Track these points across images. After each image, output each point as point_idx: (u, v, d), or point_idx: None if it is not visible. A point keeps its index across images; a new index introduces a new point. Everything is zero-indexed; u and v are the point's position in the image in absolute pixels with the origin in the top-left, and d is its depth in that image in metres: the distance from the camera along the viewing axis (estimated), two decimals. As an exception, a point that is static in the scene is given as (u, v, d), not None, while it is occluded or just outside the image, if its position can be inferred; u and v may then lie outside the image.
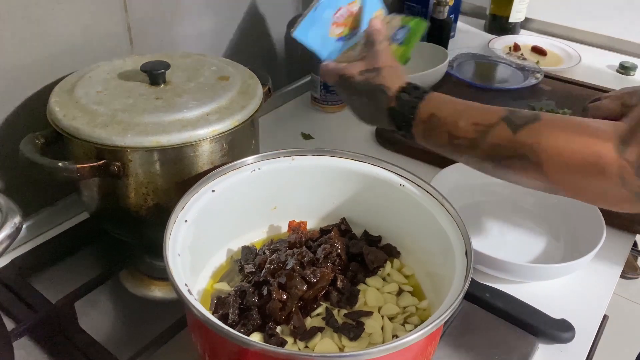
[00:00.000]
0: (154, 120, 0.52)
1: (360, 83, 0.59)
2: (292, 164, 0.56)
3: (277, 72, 0.97)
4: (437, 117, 0.53)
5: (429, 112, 0.54)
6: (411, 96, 0.55)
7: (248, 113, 0.57)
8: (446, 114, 0.53)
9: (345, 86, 0.61)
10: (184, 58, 0.64)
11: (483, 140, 0.50)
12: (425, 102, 0.54)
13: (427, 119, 0.54)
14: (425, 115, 0.54)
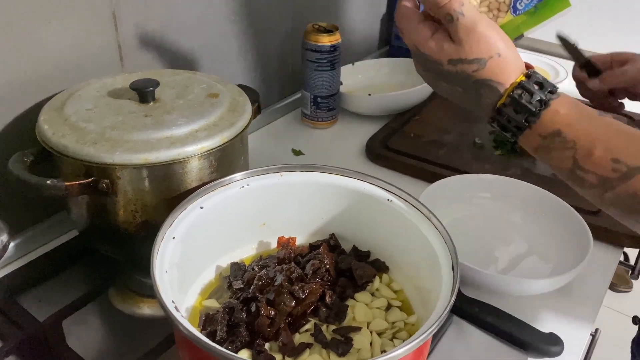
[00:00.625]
0: (143, 137, 0.53)
1: (452, 74, 0.46)
2: (280, 180, 0.57)
3: (268, 88, 0.97)
4: (564, 136, 0.43)
5: (554, 127, 0.43)
6: (532, 98, 0.44)
7: (237, 130, 0.57)
8: (578, 135, 0.42)
9: (427, 67, 0.48)
10: (174, 76, 0.65)
11: (620, 184, 0.41)
12: (550, 111, 0.43)
13: (550, 134, 0.43)
14: (547, 130, 0.43)
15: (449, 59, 0.46)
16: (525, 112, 0.44)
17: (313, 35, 0.89)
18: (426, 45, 0.46)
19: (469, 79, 0.46)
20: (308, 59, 0.91)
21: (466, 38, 0.45)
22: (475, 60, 0.45)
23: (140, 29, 0.70)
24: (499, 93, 0.45)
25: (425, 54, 0.47)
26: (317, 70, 0.91)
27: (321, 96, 0.94)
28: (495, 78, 0.45)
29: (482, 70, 0.45)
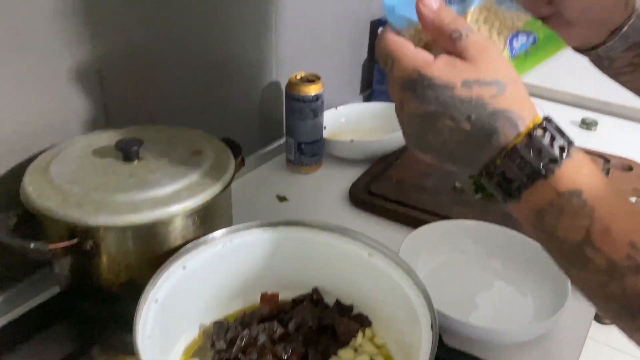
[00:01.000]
0: (127, 199, 0.54)
1: (465, 103, 0.38)
2: (263, 236, 0.58)
3: (252, 134, 0.99)
4: (585, 199, 0.36)
5: (576, 185, 0.36)
6: (554, 142, 0.37)
7: (220, 187, 0.58)
8: (599, 204, 0.36)
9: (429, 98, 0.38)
10: (158, 132, 0.66)
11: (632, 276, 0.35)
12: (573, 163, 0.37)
13: (567, 192, 0.36)
14: (566, 185, 0.37)
15: (464, 79, 0.38)
16: (546, 157, 0.37)
17: (296, 85, 0.91)
18: (433, 66, 0.38)
19: (484, 108, 0.37)
20: (291, 107, 0.93)
21: (480, 56, 0.38)
22: (494, 82, 0.37)
23: (125, 85, 0.72)
24: (518, 131, 0.37)
25: (429, 77, 0.38)
26: (300, 118, 0.93)
27: (305, 142, 0.96)
28: (515, 109, 0.37)
29: (501, 97, 0.37)
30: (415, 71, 0.38)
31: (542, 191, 0.37)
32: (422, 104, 0.39)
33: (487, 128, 0.38)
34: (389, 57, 0.40)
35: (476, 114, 0.38)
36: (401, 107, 0.41)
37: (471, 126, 0.38)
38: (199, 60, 0.82)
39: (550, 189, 0.37)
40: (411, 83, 0.39)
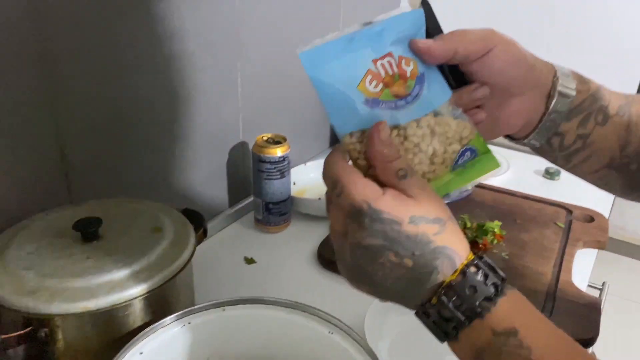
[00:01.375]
0: (83, 284, 0.53)
1: (410, 238, 0.38)
2: (223, 315, 0.57)
3: (220, 195, 1.00)
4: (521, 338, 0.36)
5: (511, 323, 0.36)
6: (487, 280, 0.37)
7: (179, 265, 0.58)
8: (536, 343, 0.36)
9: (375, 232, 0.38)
10: (119, 207, 0.66)
11: None
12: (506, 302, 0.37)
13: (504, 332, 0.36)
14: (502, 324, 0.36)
15: (411, 215, 0.38)
16: (481, 295, 0.37)
17: (262, 147, 0.92)
18: (382, 199, 0.38)
19: (428, 246, 0.38)
20: (258, 169, 0.94)
21: (421, 194, 0.39)
22: (437, 219, 0.38)
23: (88, 158, 0.72)
24: (455, 266, 0.38)
25: (379, 211, 0.38)
26: (267, 179, 0.94)
27: (272, 202, 0.96)
28: (452, 246, 0.38)
29: (442, 234, 0.38)
30: (365, 202, 0.38)
31: (479, 330, 0.37)
32: (368, 237, 0.38)
33: (428, 265, 0.38)
34: (338, 183, 0.40)
35: (420, 250, 0.38)
36: (344, 236, 0.40)
37: (413, 263, 0.38)
38: (163, 127, 0.82)
39: (487, 329, 0.37)
40: (359, 214, 0.38)
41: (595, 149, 0.54)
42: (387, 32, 0.42)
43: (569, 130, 0.53)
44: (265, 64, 1.00)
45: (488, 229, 0.94)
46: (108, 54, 0.70)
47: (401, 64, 0.42)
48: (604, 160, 0.55)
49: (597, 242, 0.97)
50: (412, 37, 0.43)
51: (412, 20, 0.43)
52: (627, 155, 0.54)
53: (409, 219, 0.38)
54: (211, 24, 0.85)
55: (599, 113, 0.53)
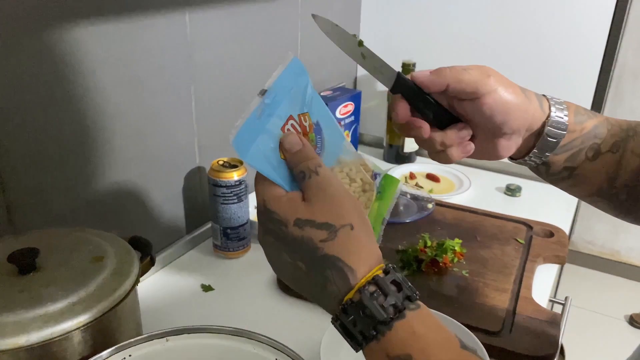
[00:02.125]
0: (14, 319, 0.51)
1: (297, 241, 0.38)
2: (166, 346, 0.55)
3: (177, 221, 0.97)
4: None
5: (405, 349, 0.35)
6: (386, 301, 0.36)
7: (119, 296, 0.56)
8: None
9: (269, 229, 0.39)
10: (62, 237, 0.64)
11: None
12: (404, 325, 0.36)
13: (397, 357, 0.35)
14: (395, 350, 0.35)
15: (297, 218, 0.38)
16: (374, 319, 0.36)
17: (217, 171, 0.91)
18: (277, 201, 0.40)
19: (315, 252, 0.37)
20: (214, 193, 0.92)
21: (315, 196, 0.39)
22: (325, 225, 0.37)
23: (31, 187, 0.70)
24: (349, 284, 0.37)
25: (271, 211, 0.39)
26: (224, 203, 0.93)
27: (230, 227, 0.94)
28: (346, 259, 0.37)
29: (331, 242, 0.37)
30: (262, 202, 0.41)
31: (376, 353, 0.36)
32: (265, 235, 0.41)
33: (320, 274, 0.38)
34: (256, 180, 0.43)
35: (307, 256, 0.38)
36: None
37: (306, 267, 0.38)
38: (112, 153, 0.81)
39: (382, 353, 0.36)
40: (260, 212, 0.42)
41: (583, 179, 0.58)
42: (279, 96, 0.43)
43: (556, 162, 0.57)
44: (220, 87, 0.99)
45: (448, 247, 0.93)
46: (47, 82, 0.69)
47: (301, 121, 0.45)
48: (592, 189, 0.58)
49: (556, 257, 0.97)
50: (300, 90, 0.45)
51: (294, 73, 0.44)
52: (615, 187, 0.57)
53: (294, 221, 0.38)
54: (162, 49, 0.84)
55: (590, 150, 0.56)
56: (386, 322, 0.36)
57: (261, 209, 0.41)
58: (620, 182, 0.57)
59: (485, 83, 0.50)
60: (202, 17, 0.91)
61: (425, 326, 0.37)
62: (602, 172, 0.57)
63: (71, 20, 0.69)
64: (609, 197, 0.59)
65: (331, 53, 1.36)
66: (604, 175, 0.57)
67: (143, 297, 0.68)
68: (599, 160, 0.56)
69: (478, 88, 0.50)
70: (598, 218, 2.52)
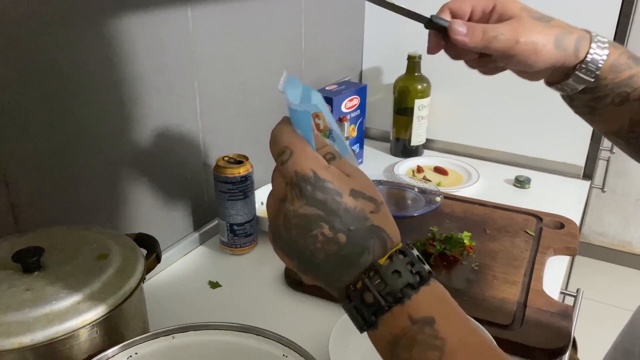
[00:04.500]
0: (19, 318, 0.50)
1: (349, 211, 0.37)
2: (173, 343, 0.55)
3: (184, 218, 0.97)
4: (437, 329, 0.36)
5: (429, 312, 0.36)
6: (413, 267, 0.37)
7: (124, 294, 0.56)
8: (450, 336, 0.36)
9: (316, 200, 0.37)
10: (66, 235, 0.63)
11: None
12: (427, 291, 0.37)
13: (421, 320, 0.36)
14: (420, 312, 0.36)
15: (352, 188, 0.38)
16: (405, 280, 0.37)
17: (223, 167, 0.91)
18: (329, 170, 0.39)
19: (364, 222, 0.37)
20: (220, 190, 0.92)
21: (355, 172, 0.39)
22: (371, 198, 0.38)
23: (36, 185, 0.70)
24: (385, 250, 0.38)
25: (325, 180, 0.38)
26: (230, 200, 0.92)
27: (237, 224, 0.94)
28: (386, 229, 0.38)
29: (377, 214, 0.38)
30: (311, 170, 0.38)
31: (398, 317, 0.37)
32: (306, 205, 0.38)
33: (360, 244, 0.38)
34: (287, 149, 0.39)
35: (356, 226, 0.38)
36: (282, 201, 0.39)
37: (346, 239, 0.37)
38: (119, 152, 0.80)
39: (405, 316, 0.36)
40: (302, 180, 0.38)
41: (603, 119, 0.59)
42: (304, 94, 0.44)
43: (580, 98, 0.58)
44: (224, 83, 0.99)
45: (457, 240, 0.92)
46: (52, 80, 0.68)
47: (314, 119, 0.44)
48: (612, 128, 0.59)
49: (567, 248, 0.96)
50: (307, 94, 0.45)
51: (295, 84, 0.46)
52: (635, 131, 0.58)
53: (350, 192, 0.38)
54: (164, 45, 0.84)
55: (618, 97, 0.57)
56: (413, 286, 0.37)
57: (308, 178, 0.38)
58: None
59: (513, 49, 0.53)
60: (204, 13, 0.90)
61: (446, 297, 0.38)
62: (626, 117, 0.57)
63: (73, 18, 0.69)
64: (626, 138, 0.59)
65: (336, 47, 1.35)
66: (627, 120, 0.57)
67: (150, 295, 0.68)
68: (625, 107, 0.56)
69: (507, 53, 0.54)
70: (609, 209, 2.49)
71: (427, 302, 0.37)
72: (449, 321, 0.36)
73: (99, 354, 0.51)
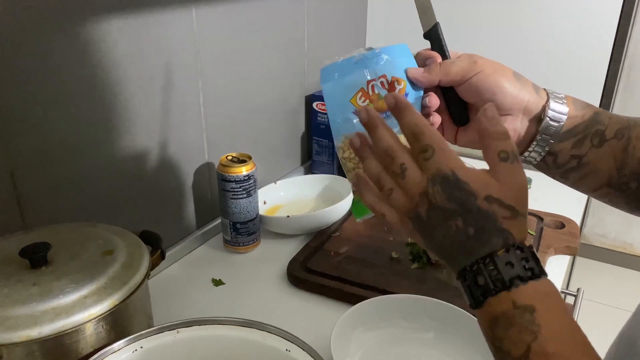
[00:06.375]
0: (27, 311, 0.51)
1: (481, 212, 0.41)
2: (177, 338, 0.56)
3: (187, 217, 0.98)
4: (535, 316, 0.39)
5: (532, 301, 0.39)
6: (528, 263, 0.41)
7: (130, 289, 0.56)
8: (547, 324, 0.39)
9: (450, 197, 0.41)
10: (72, 232, 0.64)
11: None
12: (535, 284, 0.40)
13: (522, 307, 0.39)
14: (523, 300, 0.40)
15: (488, 194, 0.41)
16: (515, 272, 0.40)
17: (226, 166, 0.91)
18: (467, 172, 0.42)
19: (494, 224, 0.41)
20: (223, 188, 0.93)
21: (510, 180, 0.42)
22: (510, 207, 0.41)
23: (40, 183, 0.71)
24: (506, 244, 0.41)
25: (463, 181, 0.41)
26: (233, 198, 0.93)
27: (240, 222, 0.95)
28: (518, 237, 0.41)
29: (510, 221, 0.41)
30: (451, 170, 0.42)
31: (502, 300, 0.40)
32: (446, 200, 0.42)
33: (485, 240, 0.41)
34: (430, 147, 0.43)
35: (485, 225, 0.41)
36: (425, 193, 0.43)
37: (475, 232, 0.41)
38: (123, 150, 0.81)
39: (509, 301, 0.40)
40: (445, 179, 0.42)
41: (592, 169, 0.58)
42: (384, 55, 0.52)
43: (563, 150, 0.58)
44: (228, 82, 0.99)
45: (458, 240, 0.93)
46: (57, 80, 0.69)
47: (393, 84, 0.52)
48: (602, 179, 0.58)
49: (567, 248, 0.97)
50: (404, 63, 0.53)
51: (401, 50, 0.54)
52: (624, 175, 0.57)
53: (485, 197, 0.41)
54: (169, 45, 0.85)
55: (595, 136, 0.57)
56: (523, 278, 0.40)
57: (449, 177, 0.42)
58: (628, 170, 0.56)
59: (472, 68, 0.54)
60: (209, 13, 0.91)
61: (553, 295, 0.41)
62: (610, 159, 0.56)
63: (79, 17, 0.70)
64: (619, 187, 0.58)
65: (339, 48, 1.36)
66: (612, 162, 0.57)
67: (154, 293, 0.69)
68: (605, 147, 0.57)
69: (466, 74, 0.55)
70: (610, 210, 2.49)
71: (532, 293, 0.40)
72: (549, 313, 0.39)
73: (105, 347, 0.52)
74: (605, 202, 0.61)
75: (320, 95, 1.21)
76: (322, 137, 1.23)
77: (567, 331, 0.40)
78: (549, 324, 0.39)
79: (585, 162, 0.57)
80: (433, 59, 0.56)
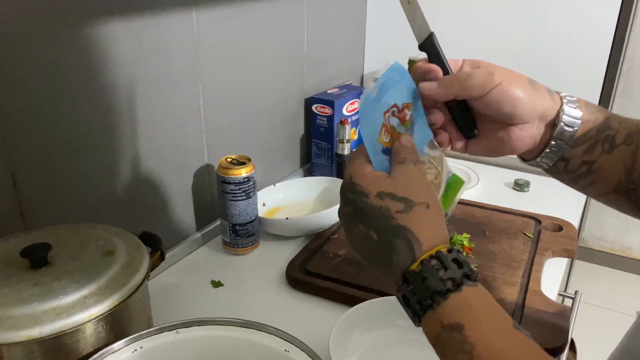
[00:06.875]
0: (27, 311, 0.52)
1: (375, 210, 0.41)
2: (176, 338, 0.56)
3: (186, 218, 0.98)
4: (465, 334, 0.37)
5: (457, 319, 0.38)
6: (445, 274, 0.39)
7: (130, 289, 0.57)
8: (480, 342, 0.37)
9: (350, 200, 0.43)
10: (72, 233, 0.65)
11: None
12: (459, 298, 0.38)
13: (450, 326, 0.38)
14: (449, 319, 0.38)
15: (379, 190, 0.42)
16: (431, 289, 0.39)
17: (226, 168, 0.92)
18: (362, 176, 0.44)
19: (389, 221, 0.40)
20: (223, 190, 0.93)
21: (402, 176, 0.43)
22: (403, 199, 0.41)
23: (41, 183, 0.71)
24: (414, 256, 0.40)
25: (355, 184, 0.43)
26: (232, 200, 0.93)
27: (239, 224, 0.95)
28: (416, 231, 0.40)
29: (405, 214, 0.40)
30: (349, 176, 0.45)
31: (432, 321, 0.39)
32: (345, 205, 0.44)
33: (389, 242, 0.41)
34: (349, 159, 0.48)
35: (381, 224, 0.41)
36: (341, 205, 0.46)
37: (377, 236, 0.41)
38: (123, 152, 0.82)
39: (437, 321, 0.39)
40: (344, 185, 0.45)
41: (602, 174, 0.57)
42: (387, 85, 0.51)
43: (575, 156, 0.57)
44: (227, 85, 1.00)
45: (457, 242, 0.93)
46: (58, 81, 0.70)
47: (404, 110, 0.51)
48: (611, 185, 0.58)
49: (565, 250, 0.97)
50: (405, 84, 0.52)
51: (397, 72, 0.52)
52: (632, 180, 0.57)
53: (377, 193, 0.42)
54: (169, 47, 0.85)
55: (606, 141, 0.56)
56: (442, 293, 0.38)
57: (346, 182, 0.45)
58: (636, 176, 0.56)
59: (490, 82, 0.51)
60: (209, 16, 0.92)
61: (480, 301, 0.39)
62: (620, 165, 0.56)
63: (80, 19, 0.70)
64: (627, 192, 0.58)
65: (338, 51, 1.36)
66: (621, 168, 0.56)
67: (154, 294, 0.69)
68: (616, 153, 0.56)
69: (485, 87, 0.52)
70: (608, 214, 2.50)
71: (455, 308, 0.38)
72: (478, 326, 0.38)
73: (105, 348, 0.53)
74: (612, 207, 0.61)
75: (320, 98, 1.22)
76: (321, 139, 1.23)
77: (499, 342, 0.38)
78: (480, 339, 0.37)
79: (596, 168, 0.57)
80: (434, 73, 0.53)
